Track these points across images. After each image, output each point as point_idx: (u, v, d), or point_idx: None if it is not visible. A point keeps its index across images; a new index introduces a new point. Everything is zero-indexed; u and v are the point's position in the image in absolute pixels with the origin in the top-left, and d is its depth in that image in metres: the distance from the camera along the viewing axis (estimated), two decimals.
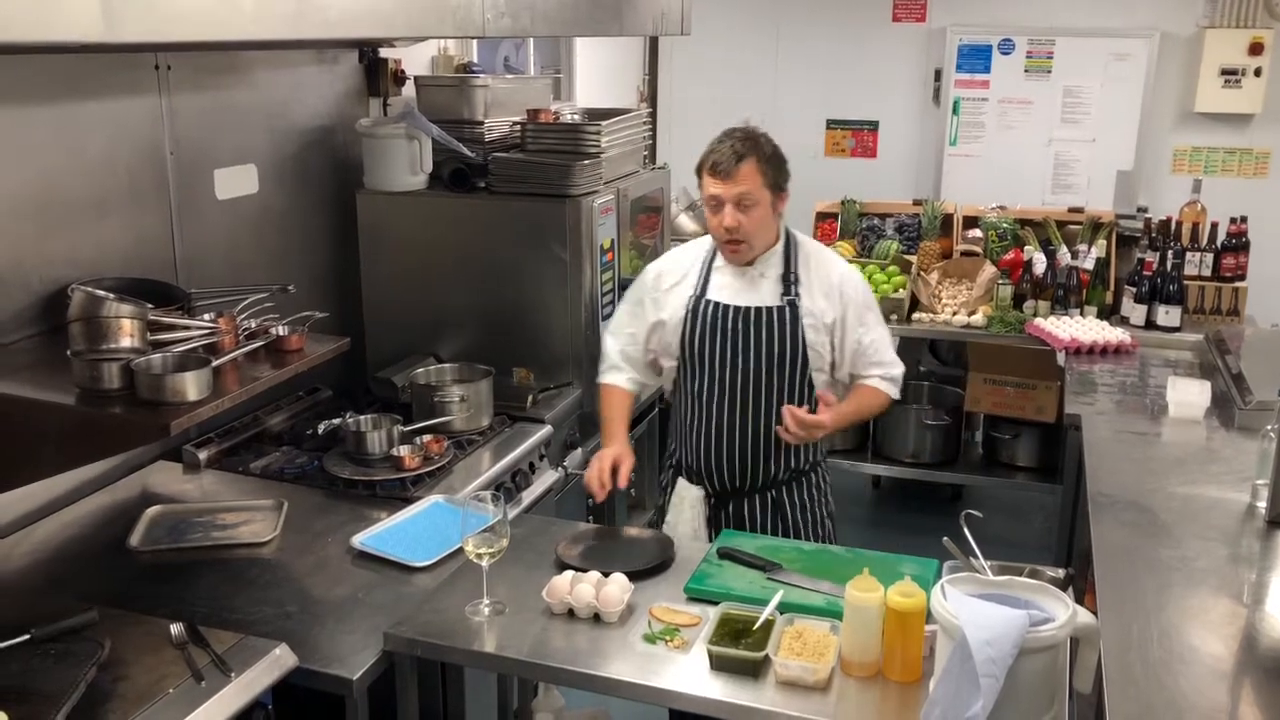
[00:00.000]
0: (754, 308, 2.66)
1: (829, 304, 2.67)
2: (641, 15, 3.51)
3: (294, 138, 3.42)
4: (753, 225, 2.58)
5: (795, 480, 2.78)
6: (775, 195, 2.61)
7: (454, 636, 2.13)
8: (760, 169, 2.56)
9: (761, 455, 2.71)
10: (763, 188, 2.57)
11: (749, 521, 2.77)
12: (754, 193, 2.56)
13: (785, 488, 2.78)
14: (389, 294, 3.61)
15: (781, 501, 2.78)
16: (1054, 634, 1.72)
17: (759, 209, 2.57)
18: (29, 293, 2.53)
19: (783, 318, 2.64)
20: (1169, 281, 4.23)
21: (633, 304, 2.85)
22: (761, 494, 2.76)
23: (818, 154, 6.62)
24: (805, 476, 2.81)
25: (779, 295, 2.66)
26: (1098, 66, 5.93)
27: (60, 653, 1.90)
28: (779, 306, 2.65)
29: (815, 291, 2.67)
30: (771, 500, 2.77)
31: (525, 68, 5.44)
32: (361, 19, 2.10)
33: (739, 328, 2.66)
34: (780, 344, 2.65)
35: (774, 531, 2.76)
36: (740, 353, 2.66)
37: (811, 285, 2.67)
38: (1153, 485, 2.80)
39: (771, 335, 2.65)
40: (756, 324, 2.65)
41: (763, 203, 2.58)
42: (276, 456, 3.02)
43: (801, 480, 2.80)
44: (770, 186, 2.58)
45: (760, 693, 1.94)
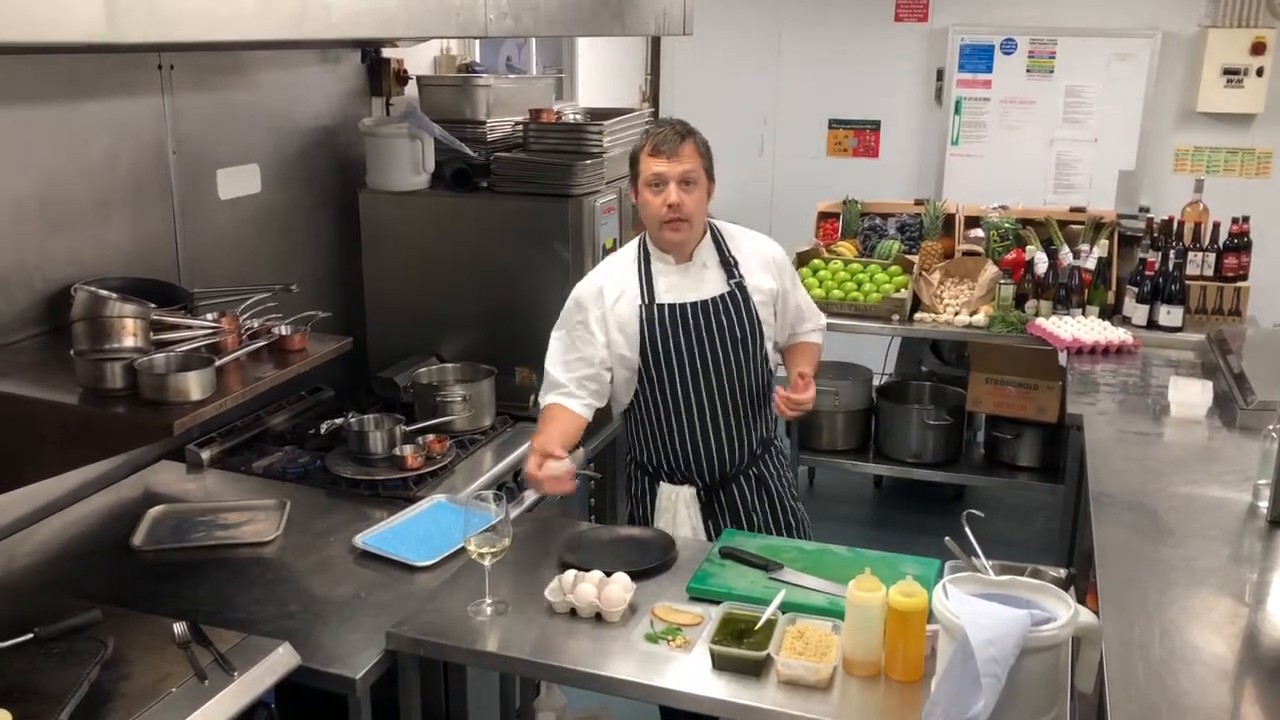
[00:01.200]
0: (707, 300, 2.69)
1: (768, 276, 2.75)
2: (643, 15, 3.51)
3: (297, 137, 3.42)
4: (693, 205, 2.60)
5: (767, 450, 2.85)
6: (709, 178, 2.65)
7: (456, 636, 2.13)
8: (699, 151, 2.61)
9: (739, 437, 2.76)
10: (701, 170, 2.60)
11: (740, 503, 2.81)
12: (695, 172, 2.58)
13: (761, 461, 2.84)
14: (391, 294, 3.62)
15: (764, 475, 2.84)
16: (1055, 634, 1.72)
17: (698, 189, 2.60)
18: (32, 292, 2.54)
19: (735, 301, 2.70)
20: (1171, 281, 4.23)
21: (572, 328, 2.72)
22: (746, 474, 2.81)
23: (819, 154, 6.62)
24: (773, 444, 2.88)
25: (725, 281, 2.71)
26: (1100, 66, 5.93)
27: (64, 652, 1.91)
28: (729, 292, 2.70)
29: (754, 269, 2.74)
30: (754, 476, 2.83)
31: (527, 67, 5.45)
32: (364, 19, 2.11)
33: (698, 323, 2.67)
34: (738, 327, 2.69)
35: (762, 506, 2.83)
36: (705, 346, 2.68)
37: (750, 264, 2.74)
38: (1154, 485, 2.80)
39: (730, 321, 2.69)
40: (715, 314, 2.68)
41: (701, 184, 2.61)
42: (279, 456, 3.03)
43: (771, 448, 2.87)
44: (706, 170, 2.63)
45: (762, 692, 1.94)
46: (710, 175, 2.65)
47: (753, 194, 6.67)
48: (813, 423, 4.94)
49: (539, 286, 3.45)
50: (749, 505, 2.82)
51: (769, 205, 6.69)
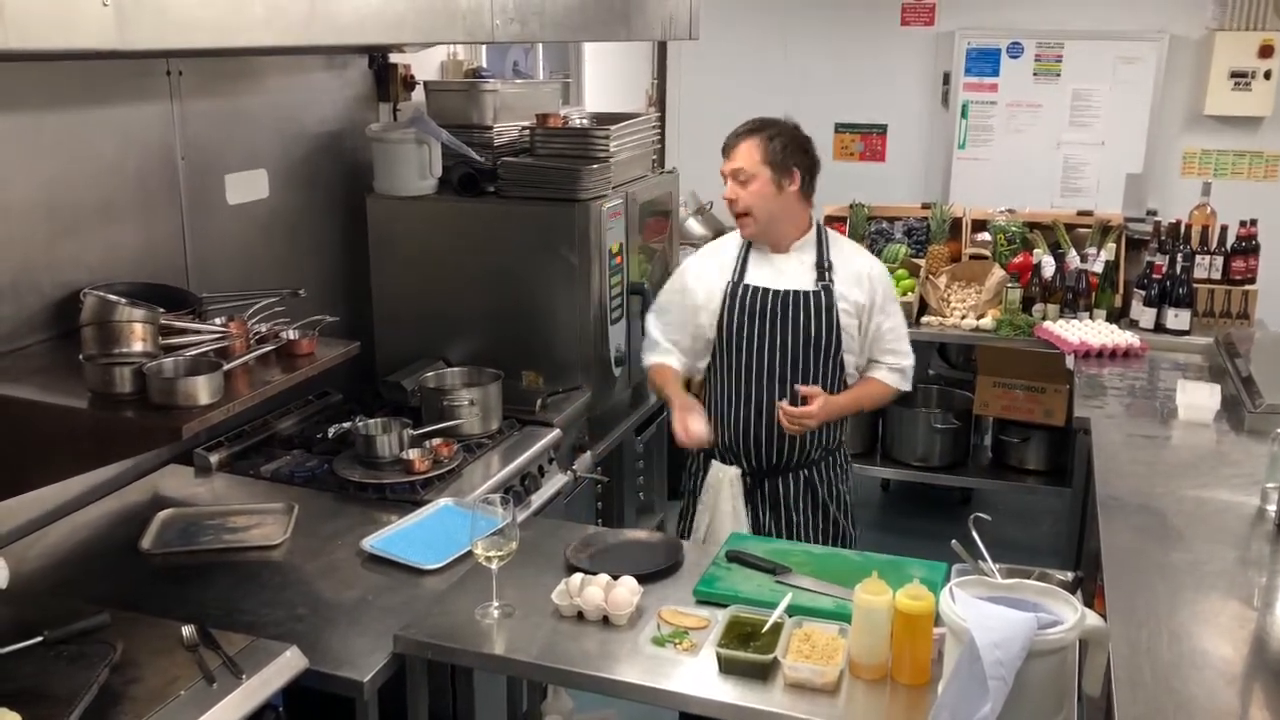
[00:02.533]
0: (791, 291, 2.79)
1: (859, 289, 2.81)
2: (650, 20, 3.52)
3: (304, 143, 3.44)
4: (751, 199, 2.74)
5: (825, 458, 2.92)
6: (778, 173, 2.73)
7: (464, 639, 2.14)
8: (760, 146, 2.72)
9: (796, 434, 2.81)
10: (760, 164, 2.72)
11: (784, 499, 2.89)
12: (749, 168, 2.73)
13: (816, 466, 2.90)
14: (398, 298, 3.63)
15: (813, 479, 2.91)
16: (1062, 637, 1.72)
17: (756, 183, 2.73)
18: (41, 297, 2.55)
19: (818, 301, 2.78)
20: (1178, 284, 4.23)
21: (675, 290, 3.00)
22: (795, 472, 2.88)
23: (826, 158, 6.61)
24: (833, 455, 2.94)
25: (814, 280, 2.80)
26: (1107, 69, 5.92)
27: (73, 654, 1.92)
28: (814, 291, 2.79)
29: (847, 277, 2.81)
30: (804, 478, 2.90)
31: (534, 72, 5.46)
32: (372, 24, 2.11)
33: (776, 310, 2.79)
34: (815, 327, 2.78)
35: (804, 508, 2.90)
36: (778, 334, 2.79)
37: (843, 271, 2.82)
38: (1162, 489, 2.80)
39: (808, 318, 2.78)
40: (794, 307, 2.78)
41: (760, 177, 2.72)
42: (287, 460, 3.04)
43: (830, 458, 2.93)
44: (769, 163, 2.72)
45: (769, 695, 1.94)
46: (782, 167, 2.73)
47: None
48: None
49: (546, 291, 3.46)
50: (790, 503, 2.89)
51: None
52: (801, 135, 2.83)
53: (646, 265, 3.84)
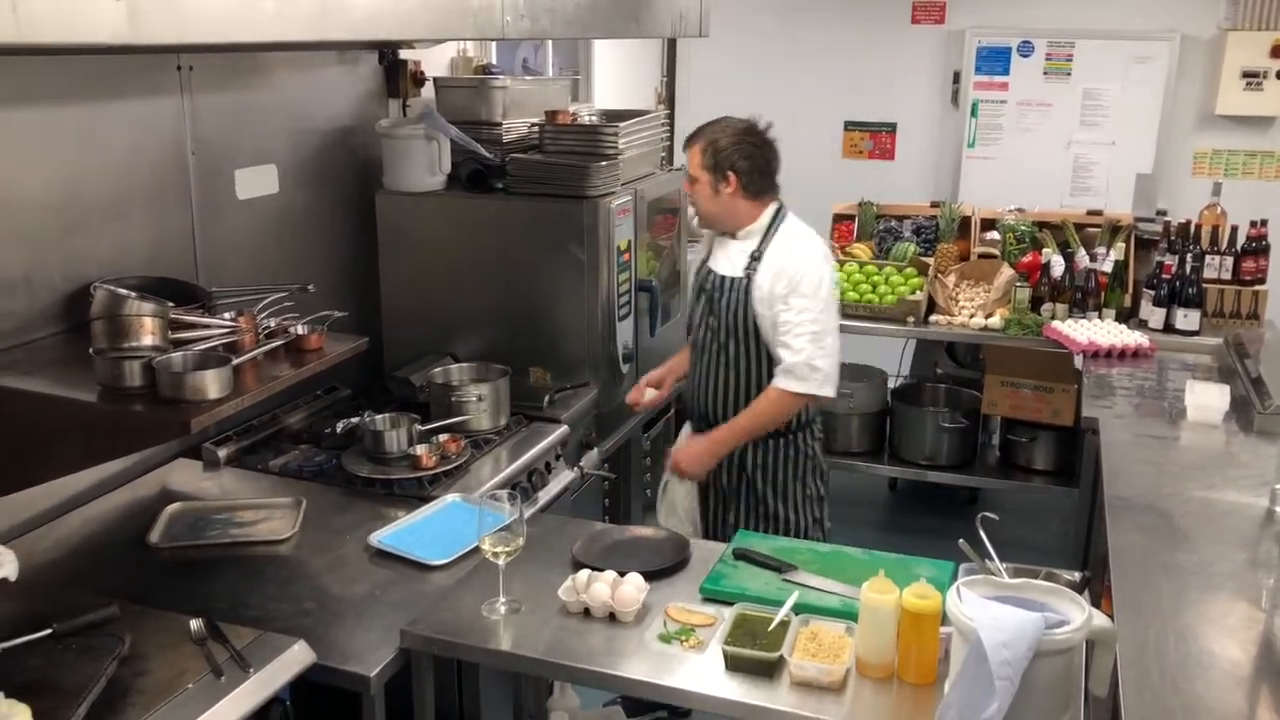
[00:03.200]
0: (723, 275, 2.99)
1: (773, 280, 2.91)
2: (660, 17, 3.51)
3: (314, 138, 3.44)
4: (695, 197, 2.99)
5: (767, 441, 3.04)
6: (715, 177, 2.91)
7: (470, 634, 2.14)
8: (701, 151, 2.92)
9: (727, 409, 3.03)
10: (700, 168, 2.92)
11: (724, 468, 3.07)
12: (692, 172, 2.94)
13: (756, 446, 3.04)
14: (407, 293, 3.63)
15: (754, 460, 3.05)
16: (1069, 637, 1.72)
17: (699, 185, 2.94)
18: (52, 290, 2.56)
19: (738, 287, 2.95)
20: (1188, 285, 4.21)
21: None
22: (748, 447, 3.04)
23: (835, 155, 6.61)
24: (776, 440, 3.05)
25: (743, 268, 2.96)
26: (1118, 69, 5.90)
27: (81, 647, 1.93)
28: (739, 277, 2.96)
29: (769, 267, 2.93)
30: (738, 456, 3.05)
31: (544, 69, 5.46)
32: (383, 20, 2.12)
33: (713, 291, 3.01)
34: (734, 312, 2.96)
35: (734, 479, 3.08)
36: (711, 314, 3.02)
37: (767, 263, 2.93)
38: (1170, 489, 2.79)
39: (729, 303, 2.97)
40: (721, 290, 2.99)
41: (701, 180, 2.93)
42: (295, 455, 3.04)
43: (774, 442, 3.05)
44: (709, 168, 2.91)
45: (775, 693, 1.94)
46: (716, 170, 2.90)
47: None
48: (827, 424, 4.92)
49: (554, 287, 3.46)
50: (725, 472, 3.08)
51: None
52: (749, 137, 2.92)
53: (655, 262, 3.84)
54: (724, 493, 3.11)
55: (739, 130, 2.92)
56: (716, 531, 3.13)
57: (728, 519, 3.11)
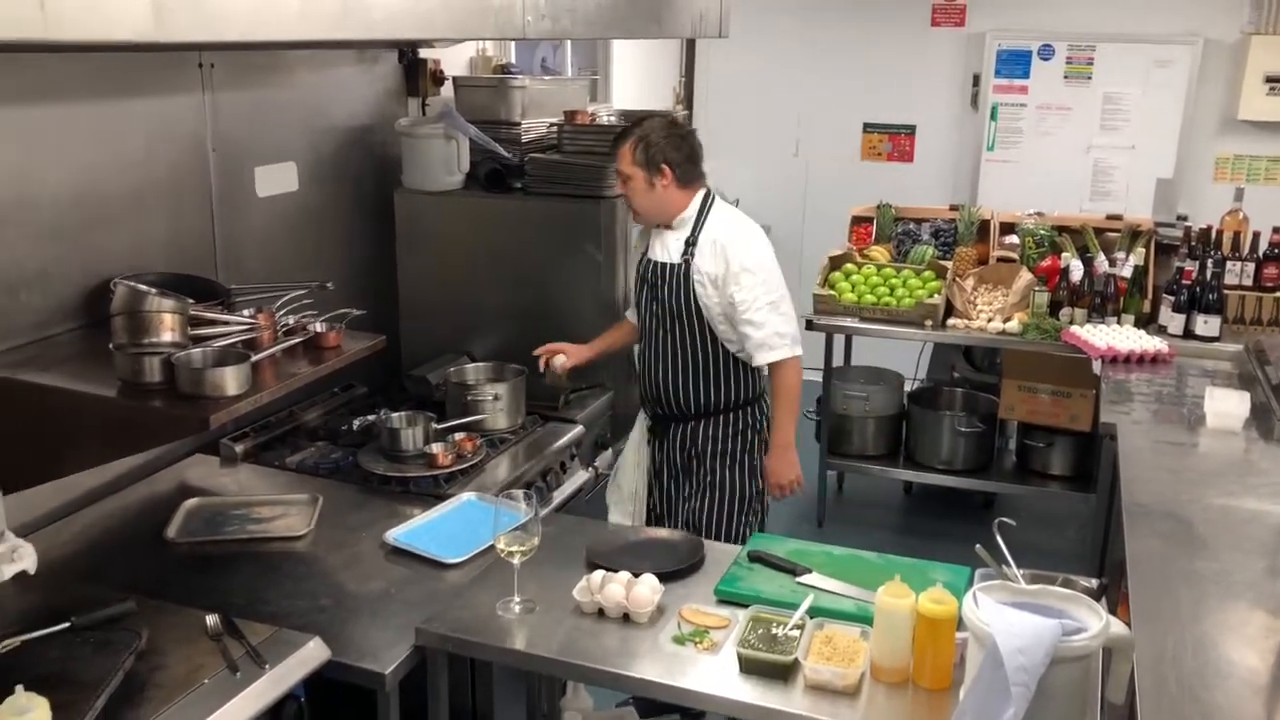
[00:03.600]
0: (661, 262, 3.06)
1: (713, 262, 2.98)
2: (680, 17, 3.51)
3: (333, 136, 3.45)
4: (631, 196, 3.04)
5: (718, 414, 3.12)
6: (649, 172, 2.98)
7: (485, 633, 2.14)
8: (631, 149, 2.98)
9: (675, 391, 3.11)
10: (632, 165, 2.98)
11: (672, 444, 3.18)
12: (625, 170, 3.01)
13: (708, 420, 3.12)
14: (424, 292, 3.64)
15: (704, 432, 3.13)
16: (1086, 644, 1.71)
17: (633, 182, 3.00)
18: (73, 286, 2.58)
19: (677, 273, 3.02)
20: (1208, 291, 4.19)
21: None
22: (685, 423, 3.14)
23: (853, 157, 6.60)
24: (727, 414, 3.13)
25: (680, 254, 3.02)
26: (1139, 73, 5.88)
27: (99, 641, 1.94)
28: (678, 263, 3.02)
29: (705, 251, 3.00)
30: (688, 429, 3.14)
31: (562, 69, 5.47)
32: (404, 19, 2.12)
33: (654, 280, 3.07)
34: (675, 297, 3.03)
35: (684, 456, 3.18)
36: (655, 300, 3.08)
37: (704, 246, 3.00)
38: (1189, 496, 2.77)
39: (669, 289, 3.04)
40: (660, 277, 3.05)
41: (635, 177, 2.99)
42: (311, 452, 3.05)
43: (724, 416, 3.13)
44: (642, 164, 2.97)
45: (789, 697, 1.93)
46: (652, 166, 2.97)
47: (786, 196, 6.66)
48: (842, 428, 4.93)
49: (571, 287, 3.46)
50: (674, 449, 3.18)
51: (802, 207, 6.67)
52: (677, 129, 3.05)
53: None
54: (676, 469, 3.20)
55: (665, 125, 3.04)
56: (671, 508, 3.24)
57: (682, 493, 3.21)
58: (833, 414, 4.88)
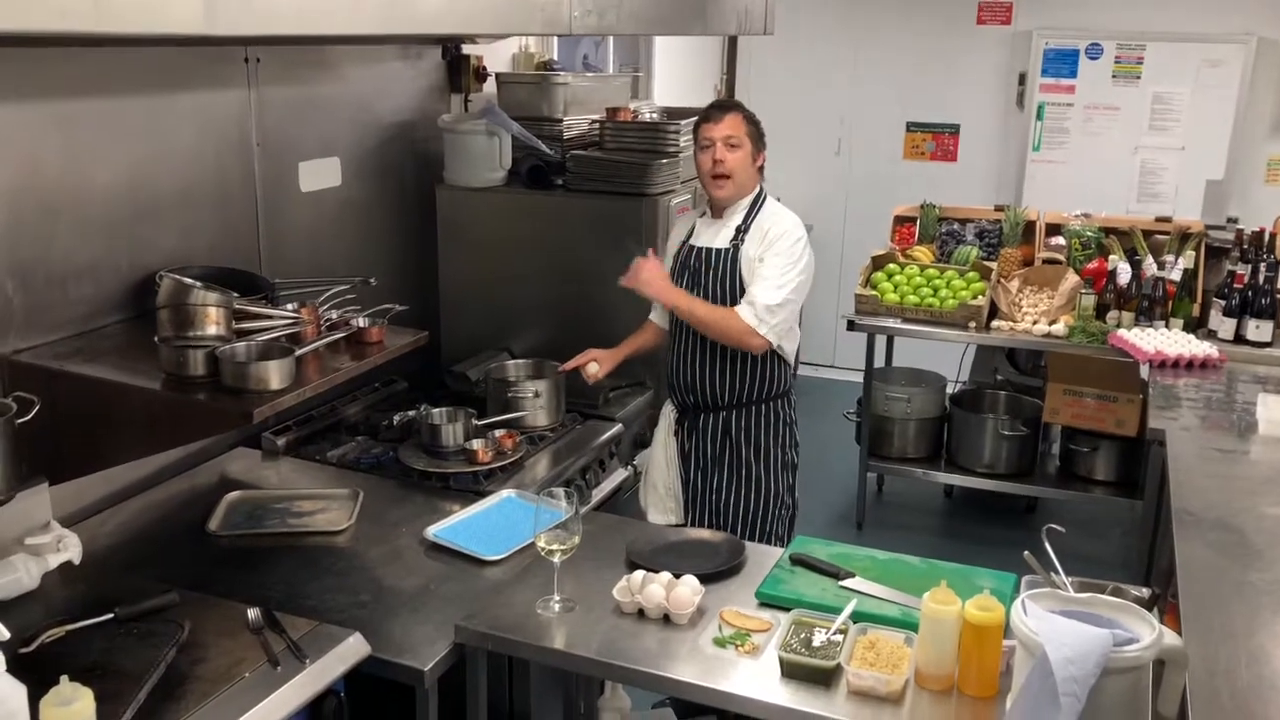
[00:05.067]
0: (709, 248, 3.04)
1: (758, 246, 2.99)
2: (725, 14, 3.49)
3: (377, 132, 3.46)
4: (735, 163, 2.98)
5: (749, 406, 3.10)
6: (755, 147, 3.01)
7: (524, 632, 2.13)
8: (744, 120, 2.99)
9: (710, 380, 3.08)
10: (745, 135, 2.98)
11: (702, 434, 3.14)
12: (737, 136, 2.97)
13: (739, 411, 3.10)
14: (465, 288, 3.64)
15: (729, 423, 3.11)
16: (1139, 655, 1.67)
17: (741, 151, 2.98)
18: (120, 278, 2.60)
19: (725, 258, 3.01)
20: (1260, 295, 4.11)
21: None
22: (715, 413, 3.12)
23: (896, 157, 6.54)
24: (758, 406, 3.11)
25: (730, 240, 3.02)
26: (1189, 73, 5.78)
27: (142, 632, 1.95)
28: (726, 249, 3.02)
29: (754, 237, 3.01)
30: (721, 420, 3.11)
31: (604, 66, 5.45)
32: (451, 15, 2.11)
33: (697, 266, 3.05)
34: (720, 282, 3.01)
35: (717, 446, 3.13)
36: (696, 287, 3.04)
37: (754, 233, 3.01)
38: (1241, 505, 2.71)
39: (714, 274, 3.02)
40: (706, 263, 3.03)
41: (744, 147, 2.98)
42: (352, 446, 3.06)
43: (755, 408, 3.11)
44: (751, 137, 3.00)
45: (831, 702, 1.91)
46: (758, 141, 3.02)
47: (828, 194, 6.62)
48: (883, 429, 4.88)
49: (611, 285, 3.43)
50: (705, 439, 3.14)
51: (844, 206, 6.63)
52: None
53: None
54: (706, 461, 3.16)
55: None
56: (701, 501, 3.17)
57: (710, 485, 3.15)
58: (873, 415, 4.84)
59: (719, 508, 3.15)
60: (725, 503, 3.14)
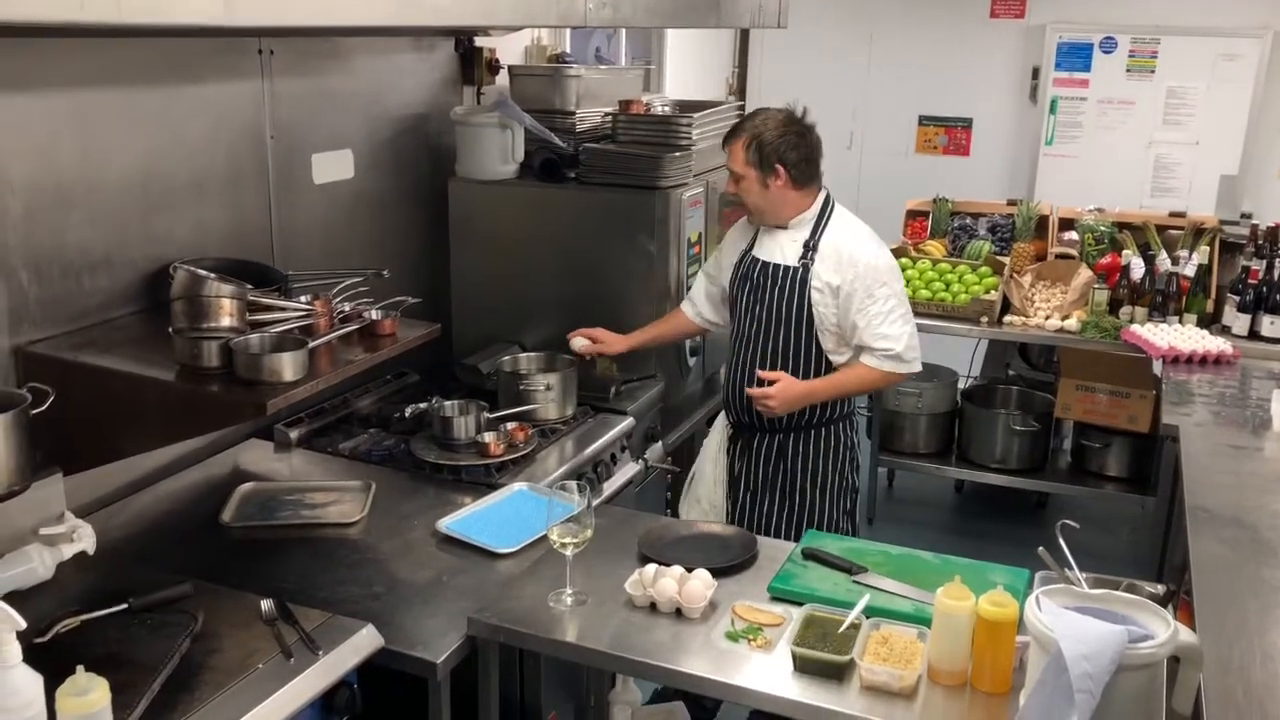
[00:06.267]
0: (773, 264, 2.96)
1: (836, 272, 2.89)
2: (739, 7, 3.48)
3: (389, 124, 3.45)
4: (743, 194, 2.94)
5: (809, 430, 3.03)
6: (763, 171, 2.88)
7: (536, 625, 2.13)
8: (744, 148, 2.88)
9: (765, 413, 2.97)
10: (745, 165, 2.89)
11: (753, 456, 3.09)
12: (737, 169, 2.91)
13: (798, 435, 3.03)
14: (477, 281, 3.64)
15: (785, 447, 3.05)
16: (1154, 652, 1.67)
17: (746, 181, 2.91)
18: (134, 269, 2.60)
19: (793, 276, 2.93)
20: (1275, 290, 4.09)
21: (717, 251, 3.29)
22: (772, 435, 3.05)
23: (908, 150, 6.52)
24: (819, 429, 3.04)
25: (798, 258, 2.93)
26: (1204, 67, 5.74)
27: (156, 623, 1.95)
28: (794, 266, 2.93)
29: (827, 258, 2.91)
30: (777, 443, 3.06)
31: (616, 58, 5.44)
32: (467, 6, 2.11)
33: (761, 281, 2.98)
34: (788, 301, 2.93)
35: (770, 469, 3.08)
36: (759, 303, 2.98)
37: (825, 252, 2.91)
38: (1255, 502, 2.70)
39: (781, 292, 2.94)
40: (772, 280, 2.96)
41: (748, 177, 2.90)
42: (364, 438, 3.06)
43: (809, 433, 3.04)
44: (755, 165, 2.88)
45: (843, 697, 1.91)
46: (765, 166, 2.87)
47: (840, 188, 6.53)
48: (894, 424, 4.88)
49: (624, 278, 3.44)
50: (757, 461, 3.08)
51: (856, 200, 6.57)
52: (792, 127, 2.90)
53: None
54: (756, 484, 3.10)
55: (781, 121, 2.90)
56: (747, 524, 3.10)
57: (760, 508, 3.10)
58: (884, 410, 4.83)
59: (765, 531, 3.05)
60: (774, 527, 3.08)
